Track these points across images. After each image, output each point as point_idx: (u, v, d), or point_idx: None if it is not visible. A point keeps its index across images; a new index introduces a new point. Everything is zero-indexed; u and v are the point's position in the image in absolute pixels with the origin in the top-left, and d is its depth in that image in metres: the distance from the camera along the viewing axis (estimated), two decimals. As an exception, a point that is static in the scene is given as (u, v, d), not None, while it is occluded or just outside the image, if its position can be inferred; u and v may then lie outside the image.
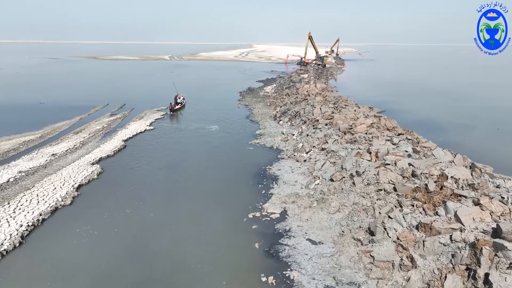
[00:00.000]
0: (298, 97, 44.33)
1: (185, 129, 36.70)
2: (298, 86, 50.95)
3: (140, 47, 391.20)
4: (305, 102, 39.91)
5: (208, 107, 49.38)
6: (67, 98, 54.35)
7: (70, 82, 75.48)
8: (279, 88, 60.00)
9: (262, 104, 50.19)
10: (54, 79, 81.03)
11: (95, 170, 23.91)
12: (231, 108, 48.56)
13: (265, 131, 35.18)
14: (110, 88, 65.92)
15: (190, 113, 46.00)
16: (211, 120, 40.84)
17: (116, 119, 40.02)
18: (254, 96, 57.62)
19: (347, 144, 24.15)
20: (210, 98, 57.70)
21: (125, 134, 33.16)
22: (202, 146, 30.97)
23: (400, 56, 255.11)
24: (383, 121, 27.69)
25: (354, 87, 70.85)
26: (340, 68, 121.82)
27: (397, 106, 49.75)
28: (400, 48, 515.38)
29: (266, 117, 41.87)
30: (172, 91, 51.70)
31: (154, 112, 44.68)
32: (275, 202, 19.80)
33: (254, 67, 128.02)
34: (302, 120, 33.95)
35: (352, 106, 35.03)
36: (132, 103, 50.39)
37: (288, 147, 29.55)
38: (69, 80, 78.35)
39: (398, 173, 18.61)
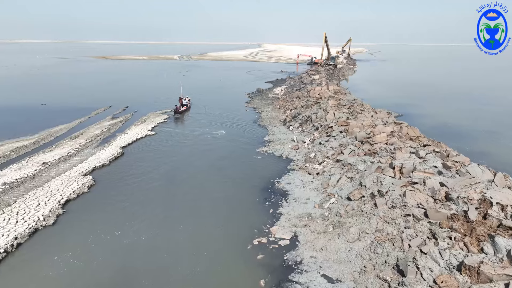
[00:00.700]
0: (309, 100, 41.68)
1: (188, 135, 34.42)
2: (309, 88, 48.29)
3: (152, 47, 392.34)
4: (317, 106, 37.26)
5: (214, 110, 47.12)
6: (69, 99, 52.73)
7: (75, 82, 74.11)
8: (289, 90, 57.38)
9: (271, 107, 47.69)
10: (59, 80, 79.90)
11: (86, 182, 21.75)
12: (239, 111, 46.18)
13: (273, 137, 32.68)
14: (115, 90, 64.27)
15: (195, 116, 43.79)
16: (217, 124, 38.52)
17: (117, 123, 37.99)
18: (263, 98, 55.15)
19: (365, 157, 21.47)
20: (217, 100, 55.44)
21: (124, 140, 31.04)
22: (206, 154, 28.61)
23: (414, 56, 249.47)
24: (405, 129, 24.90)
25: (368, 89, 67.80)
26: (351, 68, 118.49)
27: (415, 110, 46.69)
28: (414, 48, 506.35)
29: (275, 121, 39.36)
30: (178, 93, 49.63)
31: (158, 115, 42.57)
32: (285, 225, 17.29)
33: (264, 67, 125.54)
34: (314, 126, 31.33)
35: (369, 111, 32.26)
36: (135, 105, 48.42)
37: (298, 156, 26.99)
38: (74, 81, 77.04)
39: (428, 195, 15.91)
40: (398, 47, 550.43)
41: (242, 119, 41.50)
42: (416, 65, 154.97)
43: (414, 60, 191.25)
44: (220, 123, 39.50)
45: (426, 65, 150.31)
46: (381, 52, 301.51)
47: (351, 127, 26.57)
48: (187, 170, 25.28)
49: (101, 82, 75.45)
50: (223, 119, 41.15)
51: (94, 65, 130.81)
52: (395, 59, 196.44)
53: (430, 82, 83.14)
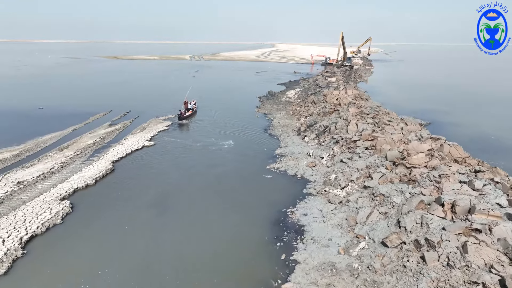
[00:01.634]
0: (326, 106, 37.43)
1: (191, 146, 30.64)
2: (326, 92, 44.00)
3: (165, 47, 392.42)
4: (335, 114, 33.01)
5: (222, 115, 43.34)
6: (69, 103, 49.74)
7: (80, 84, 71.48)
8: (303, 93, 53.14)
9: (283, 113, 43.60)
10: (64, 81, 77.42)
11: (61, 210, 18.15)
12: (249, 117, 42.26)
13: (286, 150, 28.61)
14: (118, 92, 61.08)
15: (201, 122, 40.08)
16: (224, 133, 34.69)
17: (114, 131, 34.53)
18: (275, 103, 51.08)
19: (402, 185, 17.21)
20: (225, 103, 51.66)
21: (117, 153, 27.45)
22: (208, 173, 24.71)
23: (433, 57, 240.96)
24: (446, 148, 20.49)
25: (387, 92, 62.95)
26: (368, 69, 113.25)
27: (444, 118, 41.89)
28: (432, 48, 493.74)
29: (288, 130, 35.28)
30: (184, 97, 46.09)
31: (160, 121, 38.98)
32: (301, 281, 13.24)
33: (276, 68, 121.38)
34: (334, 139, 27.11)
35: (397, 121, 27.83)
36: (137, 110, 45.03)
37: (316, 176, 22.86)
38: (79, 82, 74.45)
39: (499, 250, 11.65)
40: (414, 47, 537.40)
41: (252, 127, 37.55)
42: (437, 66, 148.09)
43: (434, 61, 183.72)
44: (227, 131, 35.67)
45: (448, 66, 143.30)
46: (397, 52, 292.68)
47: (380, 143, 22.27)
48: (184, 192, 21.40)
49: (106, 83, 72.60)
50: (231, 127, 37.30)
51: (103, 65, 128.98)
52: (413, 60, 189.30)
53: (456, 84, 77.54)
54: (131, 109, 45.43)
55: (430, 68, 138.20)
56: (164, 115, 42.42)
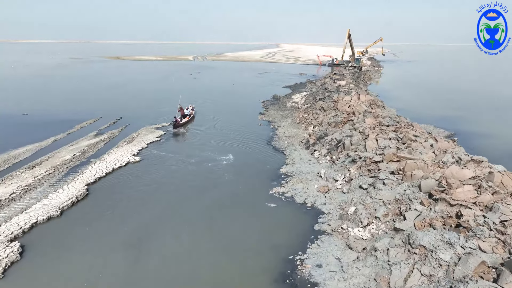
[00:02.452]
0: (338, 115, 33.25)
1: (183, 163, 26.62)
2: (336, 98, 39.80)
3: (169, 47, 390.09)
4: (349, 125, 28.84)
5: (222, 123, 39.34)
6: (58, 108, 46.04)
7: (73, 86, 67.80)
8: (311, 98, 48.95)
9: (289, 121, 39.45)
10: (58, 83, 73.92)
11: (5, 258, 14.19)
12: (251, 126, 38.19)
13: (293, 168, 24.49)
14: (112, 96, 57.18)
15: (198, 131, 36.10)
16: (222, 146, 30.68)
17: (98, 142, 30.65)
18: (280, 108, 46.96)
19: (449, 233, 12.97)
20: (226, 108, 47.66)
21: (96, 172, 23.51)
22: (199, 199, 20.61)
23: (443, 57, 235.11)
24: (497, 176, 16.20)
25: (401, 96, 58.54)
26: (377, 71, 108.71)
27: (469, 127, 37.53)
28: (439, 48, 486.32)
29: (295, 142, 31.16)
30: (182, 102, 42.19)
31: (151, 131, 35.03)
32: None
33: (281, 69, 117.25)
34: (349, 157, 22.94)
35: (424, 136, 23.50)
36: (129, 116, 41.18)
37: (330, 206, 18.73)
38: (74, 84, 70.78)
39: None
40: (421, 47, 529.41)
41: (254, 137, 33.47)
42: (447, 66, 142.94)
43: (444, 61, 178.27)
44: (227, 143, 31.65)
45: (460, 66, 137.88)
46: (404, 52, 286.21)
47: (409, 167, 18.05)
48: (165, 231, 17.24)
49: (101, 86, 68.87)
50: (231, 137, 33.27)
51: (103, 66, 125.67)
52: (422, 60, 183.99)
53: (473, 87, 72.81)
54: (122, 115, 41.58)
55: (441, 68, 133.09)
56: (157, 122, 38.50)
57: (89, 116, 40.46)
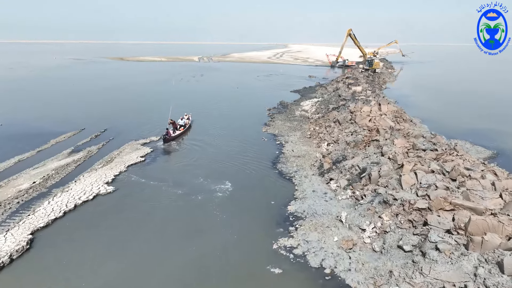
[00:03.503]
0: (357, 131, 27.74)
1: (167, 195, 21.32)
2: (353, 107, 34.25)
3: (176, 47, 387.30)
4: (374, 147, 23.31)
5: (220, 136, 34.14)
6: (39, 117, 41.21)
7: (65, 90, 63.05)
8: (323, 106, 43.41)
9: (298, 134, 34.03)
10: (51, 86, 69.31)
11: None
12: (254, 140, 32.90)
13: (305, 206, 19.09)
14: (103, 102, 51.91)
15: (191, 147, 30.93)
16: (218, 168, 25.42)
17: (69, 164, 25.56)
18: (288, 118, 41.54)
19: None
20: (228, 118, 42.42)
21: (52, 210, 18.38)
22: (179, 257, 15.17)
23: (456, 58, 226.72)
24: None
25: (421, 103, 52.59)
26: (391, 73, 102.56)
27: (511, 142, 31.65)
28: (450, 49, 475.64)
29: (305, 164, 25.74)
30: (178, 110, 37.15)
31: (137, 147, 29.90)
32: None
33: (288, 70, 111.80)
34: (378, 194, 17.44)
35: (479, 170, 17.79)
36: (116, 128, 36.20)
37: (358, 275, 13.27)
38: (67, 88, 66.03)
39: None
40: (430, 47, 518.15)
41: (257, 156, 28.14)
42: (466, 68, 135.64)
43: (459, 62, 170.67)
44: (224, 164, 26.39)
45: (480, 68, 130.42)
46: (414, 52, 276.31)
47: (475, 227, 12.46)
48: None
49: (96, 90, 64.05)
50: (230, 157, 27.99)
51: (105, 67, 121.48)
52: (434, 61, 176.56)
53: (504, 92, 66.20)
54: (109, 126, 36.62)
55: (458, 70, 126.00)
56: (146, 136, 33.42)
57: (71, 128, 35.54)
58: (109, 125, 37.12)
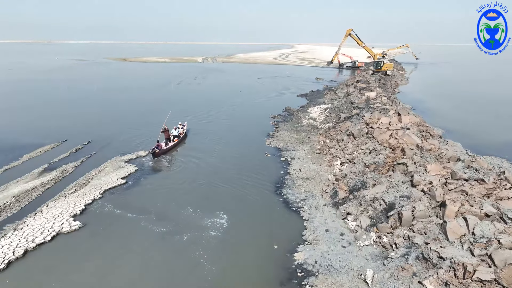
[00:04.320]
0: (376, 149, 23.44)
1: (146, 233, 17.21)
2: (368, 118, 29.94)
3: (181, 47, 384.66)
4: (401, 172, 19.00)
5: (218, 150, 30.09)
6: (20, 125, 37.52)
7: (57, 94, 59.44)
8: (333, 114, 39.08)
9: (306, 149, 29.80)
10: (45, 89, 65.66)
11: None
12: (255, 156, 28.77)
13: (316, 255, 14.87)
14: (95, 108, 47.92)
15: (183, 164, 26.90)
16: (212, 195, 21.34)
17: (36, 187, 21.61)
18: (294, 127, 37.32)
19: None
20: (228, 127, 38.36)
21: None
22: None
23: (467, 58, 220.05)
24: None
25: (440, 110, 47.92)
26: (402, 75, 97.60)
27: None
28: (460, 49, 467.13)
29: (315, 190, 21.53)
30: (173, 118, 33.12)
31: (120, 165, 25.91)
32: None
33: (295, 72, 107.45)
34: (416, 247, 13.17)
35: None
36: (101, 140, 32.30)
37: None
38: (59, 92, 62.45)
39: None
40: (439, 47, 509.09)
41: (258, 179, 23.95)
42: (481, 69, 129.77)
43: (472, 63, 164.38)
44: (219, 188, 22.32)
45: (497, 70, 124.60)
46: (423, 53, 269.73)
47: None
48: None
49: (90, 94, 60.28)
50: (226, 178, 23.89)
51: (105, 68, 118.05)
52: (445, 62, 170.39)
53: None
54: (94, 138, 32.74)
55: (474, 71, 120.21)
56: (133, 150, 29.46)
57: (52, 139, 31.73)
58: (94, 136, 33.25)
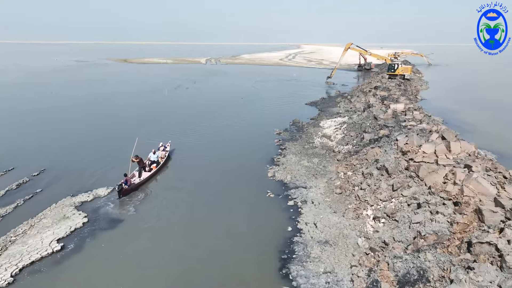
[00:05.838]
0: (428, 199, 16.00)
1: None
2: (404, 144, 22.47)
3: (186, 48, 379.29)
4: (485, 256, 11.55)
5: (206, 188, 22.83)
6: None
7: (35, 103, 52.70)
8: (353, 133, 31.55)
9: (322, 185, 22.43)
10: (23, 96, 59.09)
11: None
12: (255, 196, 21.52)
13: None
14: (63, 126, 39.97)
15: (156, 211, 19.69)
16: (186, 275, 14.11)
17: None
18: (304, 150, 29.97)
19: None
20: (222, 149, 31.13)
21: None
22: None
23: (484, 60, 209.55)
24: None
25: (478, 124, 40.03)
26: (420, 78, 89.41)
27: None
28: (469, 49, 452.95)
29: (341, 268, 14.21)
30: (157, 136, 25.97)
31: (68, 212, 18.80)
32: None
33: (302, 74, 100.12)
34: None
35: None
36: (57, 169, 25.30)
37: None
38: (39, 99, 55.72)
39: None
40: (449, 48, 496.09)
41: (256, 241, 16.69)
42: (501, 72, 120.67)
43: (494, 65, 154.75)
44: (200, 263, 15.10)
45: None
46: (435, 54, 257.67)
47: None
48: None
49: (72, 101, 53.25)
50: (212, 242, 16.67)
51: (101, 71, 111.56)
52: (462, 63, 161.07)
53: None
54: (50, 165, 25.82)
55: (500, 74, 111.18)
56: (93, 185, 22.39)
57: None
58: (52, 162, 26.29)
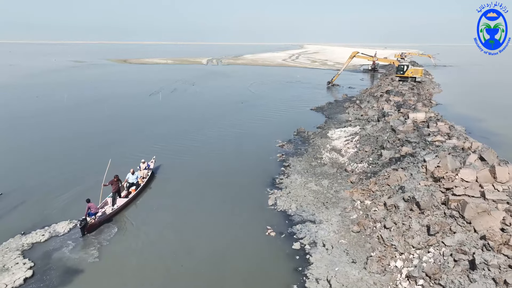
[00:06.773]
0: (486, 258, 11.59)
1: None
2: (435, 168, 18.17)
3: (189, 48, 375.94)
4: None
5: (192, 222, 18.61)
6: None
7: (13, 108, 48.79)
8: (368, 148, 27.15)
9: (335, 220, 18.13)
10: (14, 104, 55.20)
11: None
12: (251, 235, 17.31)
13: None
14: (39, 133, 35.86)
15: (127, 255, 15.47)
16: None
17: None
18: (311, 167, 25.67)
19: None
20: (215, 167, 26.85)
21: None
22: None
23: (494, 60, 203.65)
24: None
25: (507, 135, 35.59)
26: (431, 80, 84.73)
27: None
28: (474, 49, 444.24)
29: None
30: (141, 150, 21.80)
31: (7, 263, 14.62)
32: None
33: (306, 75, 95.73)
34: None
35: None
36: (15, 193, 21.16)
37: None
38: (19, 104, 51.78)
39: None
40: (455, 48, 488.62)
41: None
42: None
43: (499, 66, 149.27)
44: None
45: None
46: (440, 54, 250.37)
47: None
48: None
49: (50, 108, 49.34)
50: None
51: (97, 72, 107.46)
52: (472, 64, 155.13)
53: None
54: (8, 188, 21.70)
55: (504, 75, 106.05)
56: (53, 218, 18.21)
57: None
58: (4, 186, 22.08)
